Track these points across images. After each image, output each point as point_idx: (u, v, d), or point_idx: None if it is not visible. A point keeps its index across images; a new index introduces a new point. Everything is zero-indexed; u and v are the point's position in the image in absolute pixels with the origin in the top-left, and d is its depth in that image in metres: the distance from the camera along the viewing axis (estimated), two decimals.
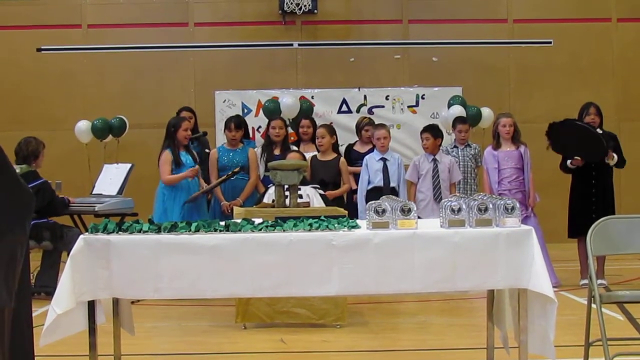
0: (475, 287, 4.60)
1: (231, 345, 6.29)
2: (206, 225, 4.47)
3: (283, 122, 9.27)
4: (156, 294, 4.42)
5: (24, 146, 8.39)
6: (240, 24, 12.27)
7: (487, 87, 12.02)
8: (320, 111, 11.65)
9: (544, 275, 4.36)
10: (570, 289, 8.30)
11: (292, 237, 4.39)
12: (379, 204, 4.51)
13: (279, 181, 5.97)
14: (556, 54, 12.30)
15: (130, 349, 5.33)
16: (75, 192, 9.33)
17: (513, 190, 8.56)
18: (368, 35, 12.33)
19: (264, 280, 4.40)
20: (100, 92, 12.05)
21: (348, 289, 4.52)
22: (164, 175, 8.46)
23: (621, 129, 10.82)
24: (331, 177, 8.81)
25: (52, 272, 8.34)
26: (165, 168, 8.44)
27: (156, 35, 12.19)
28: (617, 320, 6.64)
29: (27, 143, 8.42)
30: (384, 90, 12.14)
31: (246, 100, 12.04)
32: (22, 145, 8.40)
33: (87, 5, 12.20)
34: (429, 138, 8.86)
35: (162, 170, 8.47)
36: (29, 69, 12.05)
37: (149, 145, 10.30)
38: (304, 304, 6.67)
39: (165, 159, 8.45)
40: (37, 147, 8.43)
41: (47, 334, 4.26)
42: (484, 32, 12.31)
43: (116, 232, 4.40)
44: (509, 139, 8.68)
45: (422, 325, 7.04)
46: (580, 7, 12.38)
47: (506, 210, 4.47)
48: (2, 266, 3.12)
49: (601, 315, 4.79)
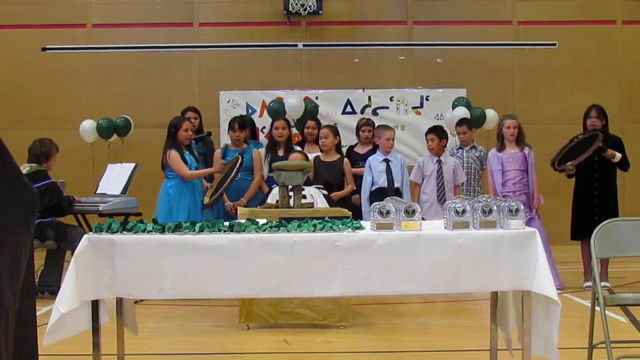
0: (479, 288, 4.60)
1: (234, 346, 6.30)
2: (210, 225, 4.47)
3: (286, 123, 9.28)
4: (160, 294, 4.41)
5: (37, 145, 8.46)
6: (245, 25, 12.26)
7: (492, 89, 12.00)
8: (324, 112, 11.64)
9: (547, 277, 4.35)
10: (574, 291, 8.30)
11: (296, 238, 4.38)
12: (383, 205, 4.51)
13: (283, 182, 5.97)
14: (561, 56, 12.28)
15: (133, 349, 5.33)
16: (80, 192, 9.34)
17: (517, 192, 8.55)
18: (373, 36, 12.32)
19: (267, 281, 4.40)
20: (105, 91, 12.06)
21: (352, 289, 4.51)
22: (183, 170, 8.43)
23: (625, 131, 10.80)
24: (335, 178, 8.81)
25: (56, 271, 8.36)
26: (181, 165, 8.43)
27: (161, 35, 12.19)
28: (621, 322, 6.64)
29: (42, 143, 8.50)
30: (389, 91, 12.12)
31: (251, 100, 12.03)
32: (37, 144, 8.47)
33: (92, 5, 12.20)
34: (434, 139, 8.86)
35: (177, 167, 8.43)
36: (34, 68, 12.05)
37: (153, 145, 10.29)
38: (307, 304, 6.68)
39: (175, 156, 8.44)
40: (50, 148, 8.49)
41: (50, 333, 4.26)
42: (489, 33, 12.30)
43: (120, 232, 4.40)
44: (513, 140, 8.68)
45: (426, 326, 7.04)
46: (585, 10, 12.36)
47: (510, 212, 4.46)
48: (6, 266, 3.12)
49: (605, 318, 4.79)
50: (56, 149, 8.56)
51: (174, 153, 8.44)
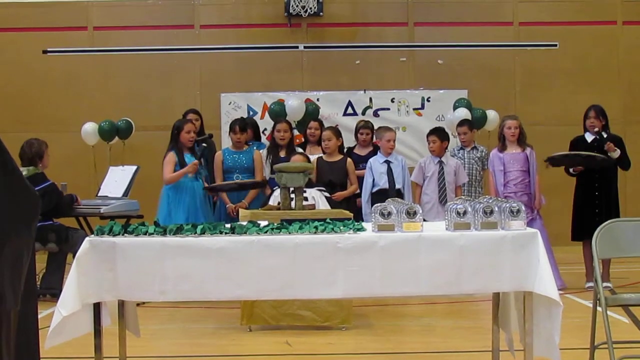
0: (480, 289, 4.60)
1: (236, 348, 6.30)
2: (212, 227, 4.47)
3: (288, 125, 9.28)
4: (162, 296, 4.41)
5: (27, 148, 8.38)
6: (246, 27, 12.28)
7: (493, 90, 12.01)
8: (325, 113, 11.66)
9: (549, 278, 4.35)
10: (576, 292, 8.29)
11: (298, 240, 4.38)
12: (385, 206, 4.51)
13: (285, 183, 5.97)
14: (562, 57, 12.29)
15: (135, 351, 5.34)
16: (81, 194, 9.33)
17: (519, 192, 8.54)
18: (374, 37, 12.33)
19: (269, 283, 4.39)
20: (106, 94, 12.07)
21: (353, 291, 4.51)
22: (165, 174, 8.49)
23: (627, 132, 10.78)
24: (339, 178, 8.81)
25: (58, 274, 8.36)
26: (167, 168, 8.46)
27: (162, 37, 12.21)
28: (623, 323, 6.61)
29: (30, 145, 8.41)
30: (390, 92, 12.14)
31: (252, 102, 12.04)
32: (25, 148, 8.39)
33: (93, 8, 12.22)
34: (436, 141, 8.85)
35: (164, 170, 8.50)
36: (35, 70, 12.07)
37: (154, 147, 10.31)
38: (309, 306, 6.68)
39: (168, 159, 8.47)
40: (40, 147, 8.42)
41: (52, 336, 4.26)
42: (490, 34, 12.31)
43: (122, 235, 4.40)
44: (515, 141, 8.68)
45: (428, 327, 7.04)
46: (586, 10, 12.37)
47: (512, 213, 4.46)
48: (8, 268, 3.12)
49: (606, 318, 4.78)
50: (45, 145, 8.47)
51: (170, 155, 8.48)
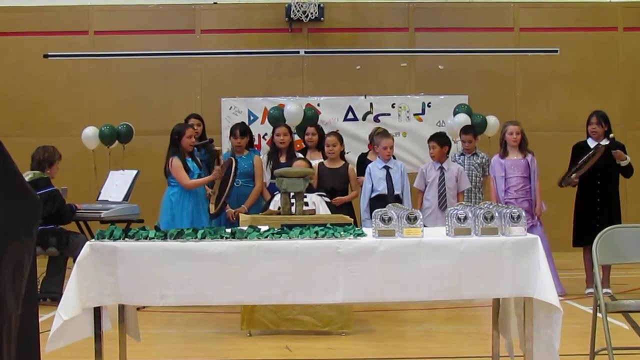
0: (480, 295, 4.60)
1: (236, 352, 6.30)
2: (212, 232, 4.48)
3: (288, 129, 9.27)
4: (162, 301, 4.41)
5: (41, 151, 8.47)
6: (246, 31, 12.29)
7: (493, 96, 12.01)
8: (326, 119, 11.67)
9: (549, 284, 4.35)
10: (576, 298, 8.29)
11: (298, 245, 4.39)
12: (385, 211, 4.51)
13: (285, 188, 5.97)
14: (562, 62, 12.30)
15: (135, 355, 5.34)
16: (81, 199, 9.36)
17: (520, 198, 8.54)
18: (374, 43, 12.34)
19: (269, 288, 4.39)
20: (107, 98, 12.07)
21: (354, 296, 4.51)
22: (184, 180, 8.34)
23: (627, 138, 10.80)
24: (340, 185, 8.81)
25: (58, 278, 8.37)
26: (182, 173, 8.36)
27: (163, 41, 12.21)
28: (623, 329, 6.60)
29: (45, 149, 8.50)
30: (390, 98, 12.14)
31: (252, 107, 12.05)
32: (40, 150, 8.47)
33: (94, 12, 12.22)
34: (436, 146, 8.85)
35: (179, 176, 8.36)
36: (36, 75, 12.07)
37: (155, 151, 10.31)
38: (309, 311, 6.68)
39: (177, 165, 8.38)
40: (52, 154, 8.49)
41: (53, 340, 4.26)
42: (491, 40, 12.32)
43: (122, 239, 4.40)
44: (516, 147, 8.67)
45: (428, 333, 7.04)
46: (587, 16, 12.38)
47: (512, 219, 4.46)
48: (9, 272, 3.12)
49: (606, 324, 4.79)
50: (59, 156, 8.56)
51: (177, 161, 8.40)
